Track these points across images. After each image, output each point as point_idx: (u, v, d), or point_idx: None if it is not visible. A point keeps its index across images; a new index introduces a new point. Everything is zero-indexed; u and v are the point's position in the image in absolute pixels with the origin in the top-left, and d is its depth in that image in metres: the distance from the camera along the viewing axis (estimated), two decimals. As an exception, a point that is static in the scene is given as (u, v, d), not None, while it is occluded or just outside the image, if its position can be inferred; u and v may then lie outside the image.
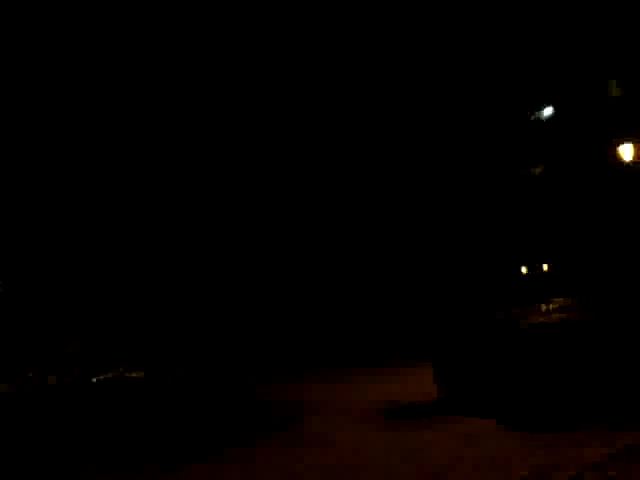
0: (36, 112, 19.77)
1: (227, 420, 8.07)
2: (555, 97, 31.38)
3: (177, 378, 13.71)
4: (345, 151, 26.67)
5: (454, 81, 29.97)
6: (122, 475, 5.66)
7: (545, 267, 30.87)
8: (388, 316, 25.11)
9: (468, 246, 31.07)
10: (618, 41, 26.43)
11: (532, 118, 33.09)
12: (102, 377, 15.13)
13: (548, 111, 32.23)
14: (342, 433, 6.46)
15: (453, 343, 7.16)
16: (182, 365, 15.35)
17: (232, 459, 5.84)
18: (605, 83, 28.14)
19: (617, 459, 4.44)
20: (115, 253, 21.33)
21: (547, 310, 8.16)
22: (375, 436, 6.13)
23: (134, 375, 14.51)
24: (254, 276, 23.01)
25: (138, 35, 20.99)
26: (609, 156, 27.08)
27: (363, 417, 7.32)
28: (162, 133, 21.74)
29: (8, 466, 6.44)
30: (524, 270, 31.88)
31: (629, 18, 23.37)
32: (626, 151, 10.98)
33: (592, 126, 29.33)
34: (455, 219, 30.67)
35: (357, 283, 25.68)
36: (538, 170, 32.90)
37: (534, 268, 31.61)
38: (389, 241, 27.92)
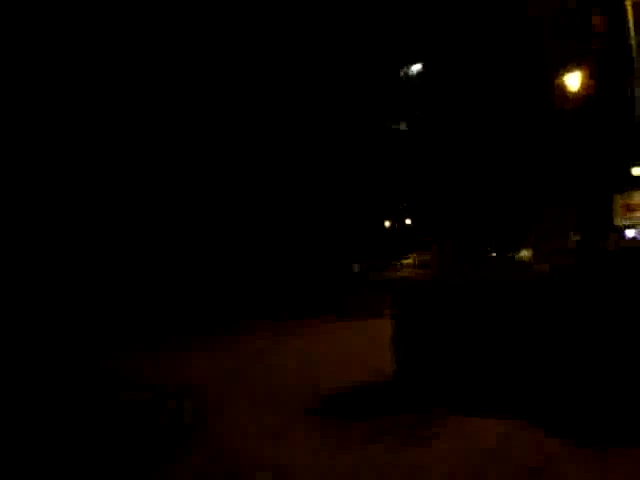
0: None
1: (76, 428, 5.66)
2: (424, 54, 31.26)
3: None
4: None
5: (324, 33, 28.38)
6: None
7: (408, 221, 31.62)
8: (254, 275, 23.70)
9: (331, 199, 30.30)
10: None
11: (402, 74, 32.76)
12: None
13: (417, 67, 32.09)
14: (277, 450, 4.71)
15: (422, 303, 5.72)
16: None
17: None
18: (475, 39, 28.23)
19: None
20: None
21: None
22: (334, 458, 4.48)
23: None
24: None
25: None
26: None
27: (293, 415, 5.64)
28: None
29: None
30: (387, 224, 32.37)
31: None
32: (572, 80, 10.43)
33: (461, 80, 29.51)
34: (320, 173, 29.59)
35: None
36: (403, 125, 33.00)
37: (397, 222, 32.27)
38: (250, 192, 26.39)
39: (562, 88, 15.08)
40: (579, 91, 13.74)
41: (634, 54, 16.91)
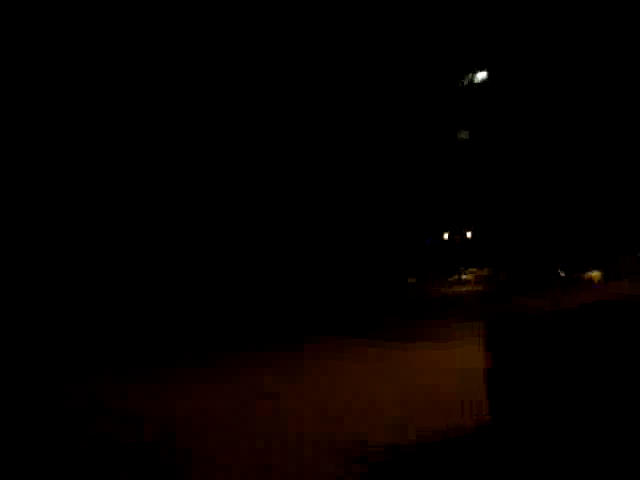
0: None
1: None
2: (488, 62, 29.15)
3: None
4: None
5: (384, 40, 26.92)
6: None
7: (469, 234, 29.40)
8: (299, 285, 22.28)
9: (389, 209, 28.57)
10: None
11: (464, 83, 30.78)
12: None
13: (481, 76, 29.99)
14: None
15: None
16: None
17: None
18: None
19: None
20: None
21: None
22: None
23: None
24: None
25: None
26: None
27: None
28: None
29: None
30: (446, 236, 30.26)
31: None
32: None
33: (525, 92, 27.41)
34: (379, 183, 27.95)
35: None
36: (465, 134, 30.91)
37: (457, 235, 30.10)
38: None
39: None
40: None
41: None
